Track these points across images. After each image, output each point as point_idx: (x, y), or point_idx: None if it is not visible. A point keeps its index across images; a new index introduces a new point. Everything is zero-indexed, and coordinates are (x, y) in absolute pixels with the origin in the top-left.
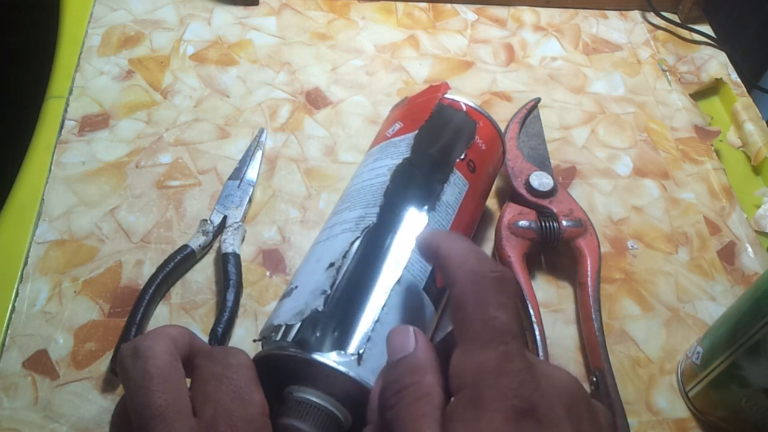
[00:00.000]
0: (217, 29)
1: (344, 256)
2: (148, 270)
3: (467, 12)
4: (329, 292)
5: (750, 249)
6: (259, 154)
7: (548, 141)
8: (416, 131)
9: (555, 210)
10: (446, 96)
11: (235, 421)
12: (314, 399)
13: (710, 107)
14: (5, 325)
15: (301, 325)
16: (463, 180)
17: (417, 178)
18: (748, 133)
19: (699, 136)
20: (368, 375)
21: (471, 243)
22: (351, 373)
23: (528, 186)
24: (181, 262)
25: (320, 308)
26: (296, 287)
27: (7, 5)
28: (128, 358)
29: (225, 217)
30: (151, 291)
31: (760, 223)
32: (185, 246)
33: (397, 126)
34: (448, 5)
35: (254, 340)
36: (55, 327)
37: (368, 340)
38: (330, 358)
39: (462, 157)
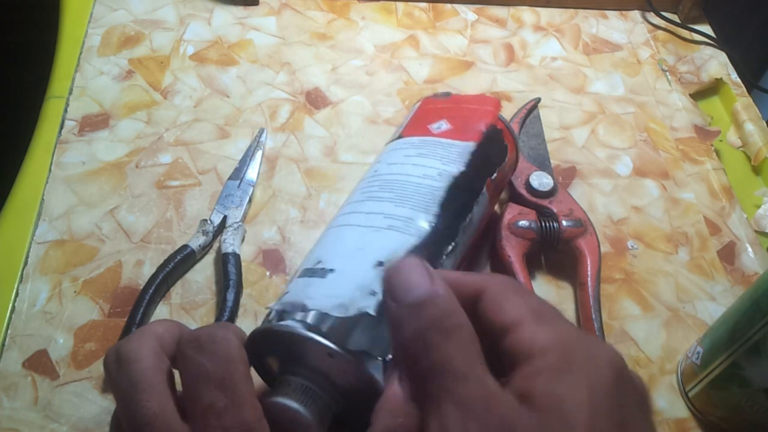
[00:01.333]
0: (217, 29)
1: (392, 256)
2: (148, 270)
3: (467, 12)
4: (380, 297)
5: (750, 249)
6: (259, 154)
7: (548, 141)
8: (474, 146)
9: (555, 210)
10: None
11: (228, 430)
12: (317, 389)
13: (710, 107)
14: (5, 325)
15: (341, 321)
16: (487, 198)
17: (458, 186)
18: (748, 133)
19: (699, 136)
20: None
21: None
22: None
23: (528, 186)
24: (181, 262)
25: (371, 312)
26: (332, 270)
27: (7, 5)
28: (111, 364)
29: (225, 217)
30: (151, 291)
31: (760, 223)
32: (185, 246)
33: (444, 125)
34: (448, 5)
35: (268, 307)
36: (55, 327)
37: None
38: (368, 363)
39: (493, 177)
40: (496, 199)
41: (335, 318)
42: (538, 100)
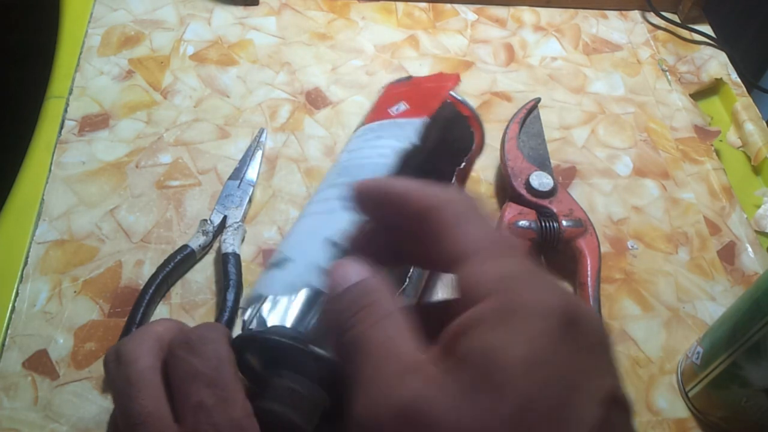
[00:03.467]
0: (217, 29)
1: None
2: (148, 270)
3: (467, 12)
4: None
5: (750, 249)
6: (259, 154)
7: (548, 141)
8: (426, 119)
9: (555, 210)
10: (453, 93)
11: (218, 427)
12: (304, 391)
13: (710, 107)
14: (5, 325)
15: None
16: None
17: (424, 170)
18: (748, 133)
19: (699, 136)
20: None
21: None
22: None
23: (528, 186)
24: (181, 262)
25: (318, 286)
26: (290, 259)
27: (7, 5)
28: (111, 363)
29: (225, 217)
30: (151, 291)
31: (760, 223)
32: (185, 246)
33: (402, 107)
34: (448, 5)
35: (240, 308)
36: (55, 327)
37: None
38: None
39: (461, 166)
40: (464, 183)
41: (313, 316)
42: (538, 100)
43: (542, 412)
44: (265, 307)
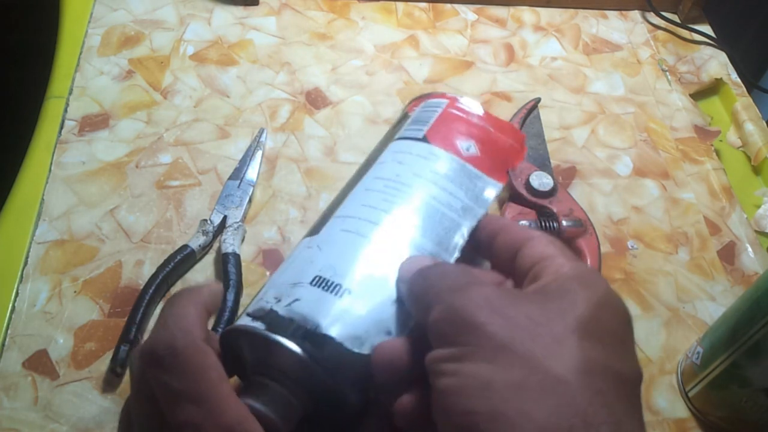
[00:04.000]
0: (217, 29)
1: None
2: (148, 270)
3: (467, 12)
4: (394, 337)
5: (750, 249)
6: (259, 154)
7: (548, 141)
8: (501, 189)
9: (555, 210)
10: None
11: None
12: (289, 394)
13: (710, 107)
14: (5, 325)
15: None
16: None
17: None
18: (748, 133)
19: (699, 136)
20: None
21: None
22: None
23: (528, 186)
24: (181, 262)
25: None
26: (349, 291)
27: (7, 5)
28: (136, 360)
29: (225, 217)
30: (151, 291)
31: (760, 223)
32: (185, 246)
33: (473, 149)
34: (448, 5)
35: (248, 314)
36: (55, 327)
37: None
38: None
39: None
40: None
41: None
42: (538, 100)
43: (601, 324)
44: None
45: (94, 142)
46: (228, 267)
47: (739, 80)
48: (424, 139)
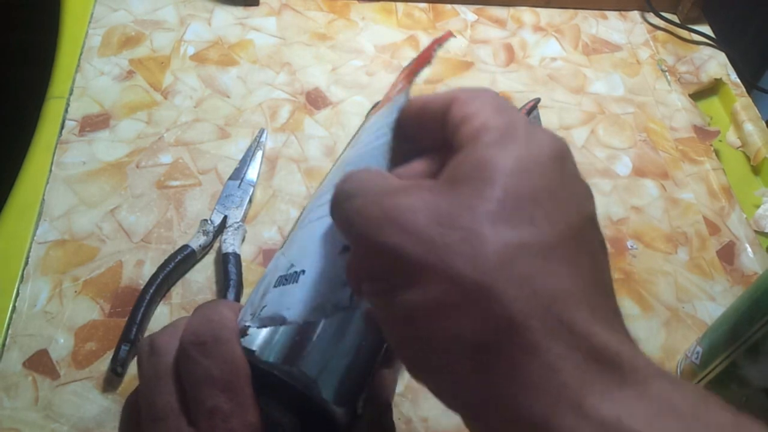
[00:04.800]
0: (217, 30)
1: None
2: (148, 270)
3: (467, 12)
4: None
5: (749, 249)
6: (259, 154)
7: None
8: (413, 83)
9: None
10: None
11: (234, 430)
12: (278, 414)
13: (710, 107)
14: (6, 324)
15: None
16: None
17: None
18: (747, 133)
19: (698, 137)
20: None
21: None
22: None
23: None
24: (181, 262)
25: (347, 304)
26: (303, 272)
27: (7, 5)
28: (145, 353)
29: (225, 217)
30: (151, 291)
31: (759, 223)
32: (186, 246)
33: (400, 84)
34: (448, 6)
35: (248, 325)
36: (56, 327)
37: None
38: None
39: None
40: None
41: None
42: (538, 100)
43: (524, 192)
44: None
45: (94, 143)
46: (228, 267)
47: (738, 80)
48: (368, 117)
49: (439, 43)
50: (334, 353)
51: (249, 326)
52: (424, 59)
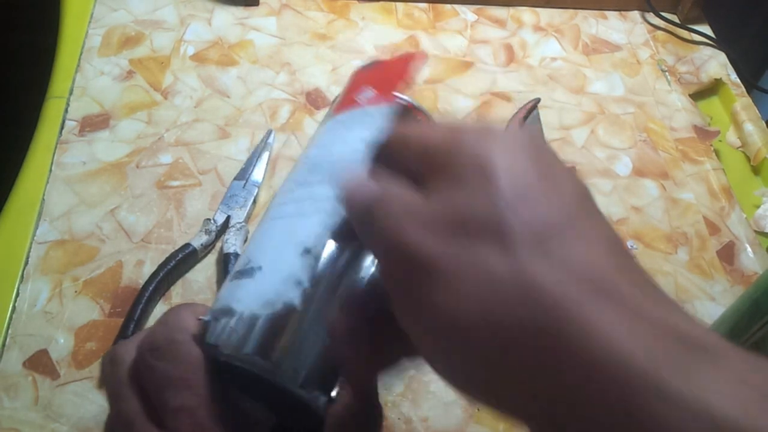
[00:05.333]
0: (217, 30)
1: (322, 244)
2: (148, 270)
3: (467, 12)
4: (307, 286)
5: (749, 249)
6: (265, 155)
7: (548, 141)
8: (395, 107)
9: None
10: (408, 99)
11: (204, 427)
12: (253, 407)
13: (710, 107)
14: (6, 324)
15: (270, 323)
16: None
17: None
18: (747, 133)
19: (698, 137)
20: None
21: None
22: (319, 406)
23: None
24: (182, 260)
25: (296, 303)
26: (260, 268)
27: (7, 5)
28: (106, 365)
29: (228, 217)
30: (151, 288)
31: (759, 223)
32: (187, 245)
33: (370, 93)
34: (448, 6)
35: (199, 319)
36: (56, 327)
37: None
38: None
39: None
40: None
41: (264, 325)
42: (538, 100)
43: (529, 186)
44: (235, 322)
45: (94, 143)
46: (229, 267)
47: (738, 80)
48: (330, 116)
49: (414, 63)
50: (296, 340)
51: (202, 320)
52: (398, 73)
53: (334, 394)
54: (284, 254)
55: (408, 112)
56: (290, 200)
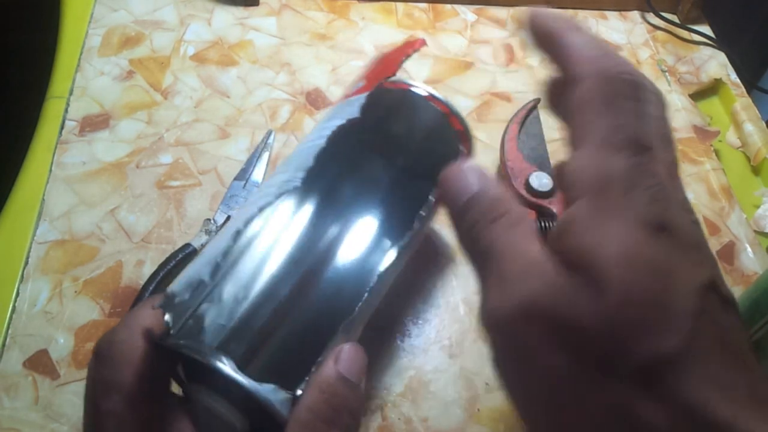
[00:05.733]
0: (217, 30)
1: (248, 223)
2: (148, 270)
3: (467, 12)
4: (219, 260)
5: (749, 249)
6: (266, 155)
7: (548, 141)
8: (372, 93)
9: (555, 210)
10: (447, 103)
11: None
12: (220, 409)
13: (709, 107)
14: (6, 324)
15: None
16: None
17: (367, 154)
18: (747, 133)
19: (698, 137)
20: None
21: (596, 37)
22: (246, 383)
23: (528, 186)
24: (183, 260)
25: (205, 278)
26: (202, 252)
27: (7, 5)
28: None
29: (228, 218)
30: (151, 288)
31: (759, 223)
32: (188, 245)
33: (360, 84)
34: (448, 6)
35: (153, 307)
36: (56, 327)
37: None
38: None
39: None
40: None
41: (236, 338)
42: (538, 100)
43: (640, 303)
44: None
45: (94, 143)
46: None
47: (738, 81)
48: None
49: (409, 51)
50: (209, 311)
51: (157, 307)
52: (390, 63)
53: (299, 392)
54: (220, 239)
55: (443, 127)
56: (263, 194)
